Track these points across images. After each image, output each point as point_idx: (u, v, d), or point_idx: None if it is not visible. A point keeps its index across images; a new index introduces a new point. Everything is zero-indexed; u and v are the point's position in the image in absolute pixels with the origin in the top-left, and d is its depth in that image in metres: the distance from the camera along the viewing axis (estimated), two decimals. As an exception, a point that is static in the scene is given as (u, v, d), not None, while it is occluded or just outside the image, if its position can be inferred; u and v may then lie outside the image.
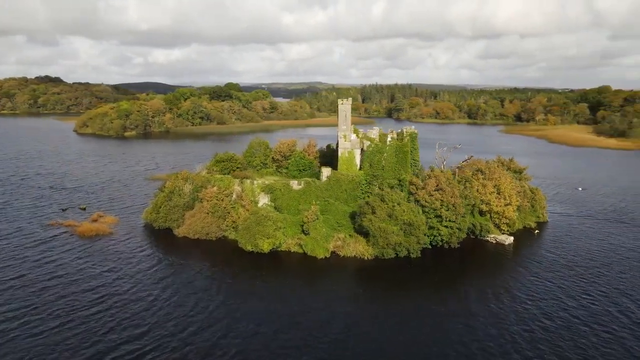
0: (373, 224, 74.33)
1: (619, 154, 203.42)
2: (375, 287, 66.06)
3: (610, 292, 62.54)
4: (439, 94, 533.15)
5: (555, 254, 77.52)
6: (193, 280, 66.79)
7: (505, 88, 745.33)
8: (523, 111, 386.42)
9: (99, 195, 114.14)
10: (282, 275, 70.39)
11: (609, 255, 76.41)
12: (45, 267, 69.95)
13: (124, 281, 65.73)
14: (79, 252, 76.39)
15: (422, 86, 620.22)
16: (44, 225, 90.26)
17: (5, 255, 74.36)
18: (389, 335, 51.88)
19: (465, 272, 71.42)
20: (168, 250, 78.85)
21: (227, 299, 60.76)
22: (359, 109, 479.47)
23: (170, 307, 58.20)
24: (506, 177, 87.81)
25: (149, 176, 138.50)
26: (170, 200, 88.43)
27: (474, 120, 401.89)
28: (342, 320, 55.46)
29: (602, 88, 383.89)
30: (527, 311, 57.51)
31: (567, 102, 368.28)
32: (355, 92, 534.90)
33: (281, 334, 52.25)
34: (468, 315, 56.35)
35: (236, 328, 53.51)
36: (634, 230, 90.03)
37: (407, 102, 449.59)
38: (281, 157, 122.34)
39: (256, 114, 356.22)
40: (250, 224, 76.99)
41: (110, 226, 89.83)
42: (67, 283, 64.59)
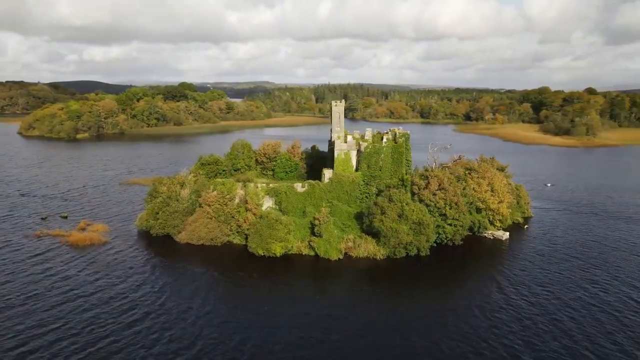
0: (385, 224, 75.83)
1: (568, 151, 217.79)
2: (395, 286, 67.45)
3: (612, 279, 67.51)
4: (389, 94, 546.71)
5: (550, 246, 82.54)
6: (211, 288, 65.36)
7: (446, 88, 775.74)
8: (472, 111, 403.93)
9: (78, 203, 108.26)
10: (302, 278, 70.27)
11: (596, 246, 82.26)
12: (53, 283, 65.84)
13: (144, 293, 63.17)
14: (79, 264, 72.44)
15: (367, 86, 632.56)
16: (29, 236, 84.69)
17: (3, 271, 69.24)
18: (420, 334, 53.48)
19: (476, 268, 74.45)
20: (173, 257, 76.50)
21: (255, 307, 60.00)
22: (312, 109, 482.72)
23: (206, 319, 56.72)
24: (498, 176, 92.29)
25: (124, 181, 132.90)
26: (168, 206, 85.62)
27: (426, 119, 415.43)
28: (375, 321, 56.43)
29: (542, 89, 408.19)
30: (550, 301, 61.04)
31: (512, 102, 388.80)
32: (308, 92, 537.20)
33: (325, 338, 52.47)
34: (495, 309, 59.04)
35: (277, 335, 53.12)
36: (608, 221, 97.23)
37: (361, 102, 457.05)
38: (266, 159, 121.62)
39: (213, 115, 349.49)
40: (261, 228, 76.18)
41: (102, 234, 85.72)
42: (83, 298, 61.22)
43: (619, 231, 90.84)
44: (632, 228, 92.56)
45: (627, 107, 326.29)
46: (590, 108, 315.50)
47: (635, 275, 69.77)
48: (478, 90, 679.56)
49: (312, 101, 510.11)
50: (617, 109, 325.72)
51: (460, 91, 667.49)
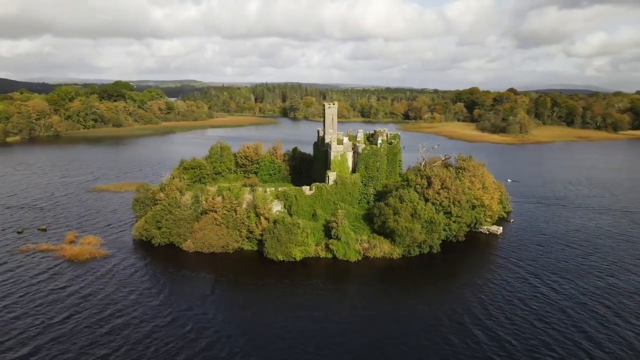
0: (399, 224, 78.04)
1: (508, 148, 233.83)
2: (421, 284, 69.60)
3: (611, 265, 74.52)
4: (327, 93, 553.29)
5: (541, 237, 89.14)
6: (237, 297, 63.83)
7: (374, 87, 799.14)
8: (410, 110, 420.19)
9: (53, 213, 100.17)
10: (326, 281, 70.28)
11: (582, 235, 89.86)
12: (74, 302, 60.97)
13: (167, 305, 60.42)
14: (87, 280, 67.56)
15: (297, 85, 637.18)
16: (14, 253, 77.38)
17: (6, 293, 62.94)
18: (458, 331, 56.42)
19: (487, 261, 77.83)
20: (185, 267, 73.51)
21: (294, 315, 59.64)
22: (253, 108, 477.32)
23: (239, 327, 55.49)
24: (489, 174, 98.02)
25: (92, 188, 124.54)
26: (171, 214, 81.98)
27: (367, 118, 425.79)
28: (422, 319, 58.43)
29: (472, 89, 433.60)
30: (576, 288, 66.30)
31: (447, 102, 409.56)
32: (247, 92, 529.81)
33: (380, 340, 53.54)
34: (528, 297, 63.21)
35: (328, 341, 53.39)
36: (578, 212, 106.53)
37: (302, 102, 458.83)
38: (248, 162, 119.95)
39: (153, 115, 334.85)
40: (279, 233, 75.36)
41: (99, 247, 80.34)
42: (106, 317, 57.36)
43: (593, 220, 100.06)
44: (603, 218, 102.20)
45: (549, 106, 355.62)
46: (518, 107, 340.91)
47: (629, 259, 77.53)
48: (403, 89, 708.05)
49: (252, 101, 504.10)
50: (540, 108, 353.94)
51: (390, 91, 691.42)
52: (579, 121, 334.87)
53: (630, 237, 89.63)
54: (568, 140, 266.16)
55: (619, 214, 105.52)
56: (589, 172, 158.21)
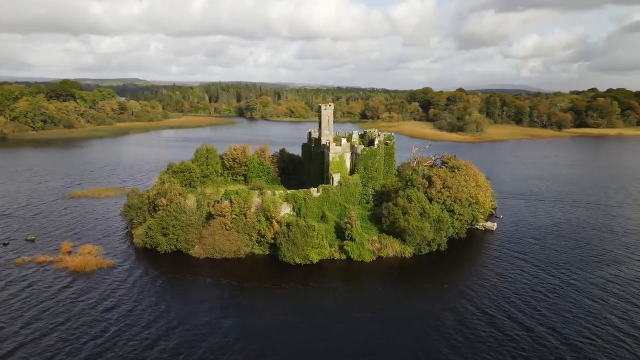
0: (410, 224, 79.76)
1: (469, 146, 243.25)
2: (438, 280, 71.32)
3: (608, 254, 79.92)
4: (282, 93, 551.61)
5: (535, 230, 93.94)
6: (258, 303, 62.68)
7: (322, 87, 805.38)
8: (367, 109, 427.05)
9: (37, 222, 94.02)
10: (348, 282, 70.63)
11: (571, 227, 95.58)
12: (94, 318, 57.73)
13: (192, 314, 58.76)
14: (102, 291, 64.20)
15: (237, 83, 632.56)
16: (11, 267, 72.08)
17: (23, 309, 58.65)
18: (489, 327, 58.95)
19: (493, 256, 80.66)
20: (199, 274, 71.43)
21: (319, 318, 59.77)
22: (208, 108, 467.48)
23: (268, 334, 55.02)
24: (480, 173, 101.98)
25: (68, 194, 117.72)
26: (177, 220, 79.30)
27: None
28: (454, 315, 60.27)
29: (426, 89, 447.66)
30: (584, 278, 70.50)
31: (402, 101, 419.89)
32: (200, 91, 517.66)
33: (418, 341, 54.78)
34: (552, 289, 66.62)
35: (356, 344, 54.06)
36: (556, 206, 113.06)
37: (259, 101, 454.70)
38: (236, 164, 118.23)
39: (106, 116, 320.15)
40: (295, 236, 74.86)
41: (101, 256, 76.42)
42: (136, 334, 54.94)
43: (572, 214, 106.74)
44: (581, 211, 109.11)
45: (499, 106, 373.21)
46: (471, 107, 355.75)
47: (620, 250, 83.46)
48: (356, 89, 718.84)
49: (206, 100, 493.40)
50: (491, 107, 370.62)
51: (342, 90, 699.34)
52: (527, 120, 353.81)
53: (611, 228, 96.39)
54: (520, 138, 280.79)
55: (594, 207, 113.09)
56: (553, 169, 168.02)
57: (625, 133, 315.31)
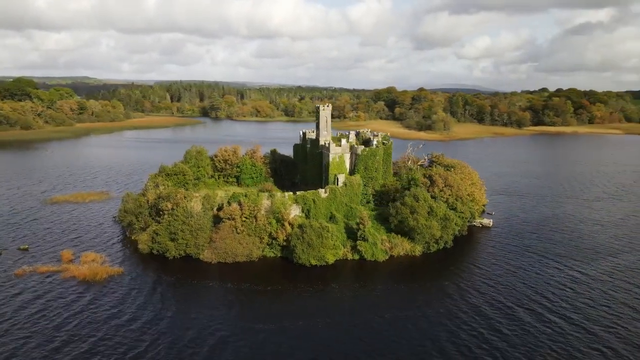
0: (419, 223, 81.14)
1: (439, 144, 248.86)
2: (452, 277, 72.80)
3: (605, 244, 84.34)
4: (245, 93, 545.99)
5: (529, 225, 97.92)
6: (279, 306, 62.16)
7: (281, 86, 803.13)
8: (334, 108, 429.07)
9: (27, 230, 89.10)
10: (367, 282, 71.00)
11: (563, 222, 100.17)
12: (111, 329, 55.36)
13: (217, 321, 57.59)
14: (120, 302, 61.69)
15: (199, 82, 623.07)
16: (12, 278, 67.92)
17: (42, 322, 55.41)
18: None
19: (497, 252, 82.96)
20: (217, 279, 69.82)
21: (345, 319, 60.11)
22: (170, 108, 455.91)
23: (296, 338, 54.89)
24: (475, 171, 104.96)
25: (49, 199, 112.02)
26: (185, 224, 77.16)
27: (291, 117, 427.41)
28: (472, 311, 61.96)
29: (390, 88, 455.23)
30: (593, 268, 74.02)
31: (368, 100, 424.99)
32: (161, 90, 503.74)
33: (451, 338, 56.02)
34: (574, 280, 69.53)
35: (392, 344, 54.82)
36: (541, 201, 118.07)
37: (224, 101, 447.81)
38: (228, 166, 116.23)
39: (65, 116, 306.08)
40: (310, 237, 74.54)
41: (108, 264, 73.35)
42: (171, 342, 53.26)
43: (558, 208, 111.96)
44: (565, 206, 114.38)
45: (461, 105, 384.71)
46: (436, 106, 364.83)
47: (615, 241, 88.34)
48: (313, 88, 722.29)
49: (168, 100, 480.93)
50: (454, 106, 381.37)
51: (303, 89, 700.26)
52: (488, 118, 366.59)
53: (597, 221, 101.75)
54: (487, 136, 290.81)
55: (574, 202, 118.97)
56: (526, 166, 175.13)
57: (580, 131, 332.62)
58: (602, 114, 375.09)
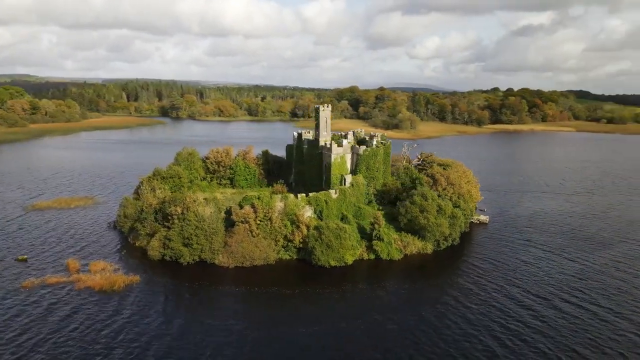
0: (429, 221, 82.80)
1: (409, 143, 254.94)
2: (468, 272, 75.12)
3: (600, 236, 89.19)
4: (204, 92, 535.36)
5: (524, 220, 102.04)
6: (308, 309, 61.91)
7: (236, 85, 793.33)
8: (297, 108, 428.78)
9: (19, 240, 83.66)
10: (390, 281, 71.71)
11: (554, 217, 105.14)
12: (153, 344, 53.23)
13: (260, 331, 56.79)
14: (151, 310, 59.34)
15: (156, 81, 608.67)
16: (21, 292, 63.69)
17: (74, 335, 52.30)
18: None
19: (503, 246, 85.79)
20: (238, 284, 68.25)
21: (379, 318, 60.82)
22: (127, 108, 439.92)
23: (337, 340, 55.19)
24: (469, 170, 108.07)
25: (30, 206, 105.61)
26: (200, 229, 75.05)
27: (255, 117, 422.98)
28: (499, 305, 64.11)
29: (352, 87, 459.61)
30: (594, 259, 78.02)
31: (332, 99, 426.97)
32: (116, 89, 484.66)
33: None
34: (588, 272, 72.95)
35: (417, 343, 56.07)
36: (528, 197, 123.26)
37: (184, 100, 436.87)
38: (221, 168, 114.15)
39: (18, 117, 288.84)
40: (329, 238, 74.42)
41: (122, 273, 70.22)
42: (215, 350, 51.91)
43: (542, 203, 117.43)
44: (553, 201, 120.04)
45: (423, 104, 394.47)
46: (399, 105, 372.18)
47: (607, 233, 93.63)
48: (269, 87, 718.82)
49: (124, 99, 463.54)
50: (417, 105, 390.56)
51: (262, 88, 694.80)
52: (450, 117, 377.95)
53: (583, 214, 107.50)
54: (452, 135, 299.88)
55: (555, 197, 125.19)
56: (499, 163, 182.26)
57: (536, 128, 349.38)
58: (554, 113, 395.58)
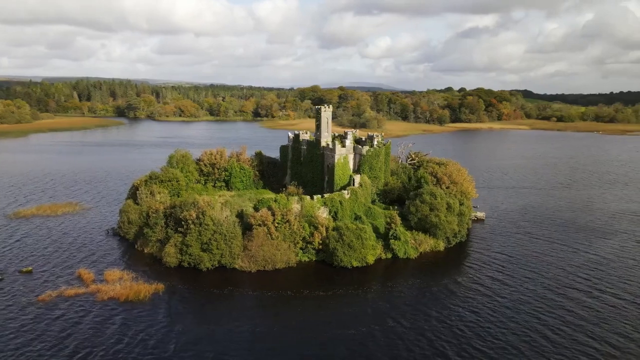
0: (440, 219, 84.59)
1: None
2: (486, 266, 77.27)
3: (596, 229, 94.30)
4: (160, 91, 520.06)
5: (518, 215, 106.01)
6: (342, 309, 61.92)
7: (188, 84, 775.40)
8: (260, 107, 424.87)
9: (10, 250, 78.12)
10: (410, 279, 72.51)
11: (545, 211, 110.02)
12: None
13: (306, 335, 56.36)
14: (187, 318, 57.27)
15: (95, 79, 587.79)
16: (39, 306, 59.58)
17: (126, 349, 49.58)
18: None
19: (507, 240, 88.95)
20: (264, 288, 66.79)
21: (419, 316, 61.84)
22: (80, 108, 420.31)
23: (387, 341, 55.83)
24: (464, 168, 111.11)
25: (12, 214, 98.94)
26: (218, 233, 73.06)
27: (216, 117, 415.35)
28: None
29: (314, 87, 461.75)
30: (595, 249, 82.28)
31: (295, 99, 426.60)
32: (66, 88, 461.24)
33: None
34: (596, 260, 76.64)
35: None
36: (513, 193, 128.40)
37: (142, 100, 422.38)
38: (215, 170, 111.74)
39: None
40: (351, 239, 74.50)
41: (137, 281, 67.26)
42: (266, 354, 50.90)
43: (528, 198, 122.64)
44: (532, 196, 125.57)
45: (386, 103, 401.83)
46: (363, 104, 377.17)
47: (601, 223, 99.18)
48: (222, 86, 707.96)
49: (75, 99, 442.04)
50: (380, 105, 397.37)
51: (219, 87, 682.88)
52: (412, 116, 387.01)
53: (570, 208, 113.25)
54: (418, 133, 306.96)
55: (538, 192, 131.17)
56: (475, 160, 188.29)
57: (494, 127, 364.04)
58: (508, 111, 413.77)
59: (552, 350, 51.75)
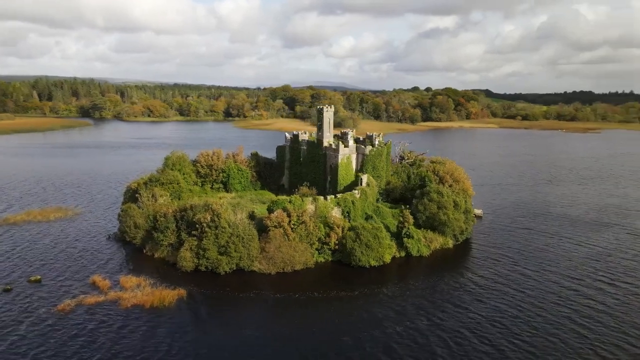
0: (449, 217, 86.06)
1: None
2: (498, 261, 79.14)
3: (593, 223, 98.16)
4: (125, 90, 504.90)
5: (514, 211, 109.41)
6: (371, 308, 62.70)
7: (149, 83, 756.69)
8: (231, 107, 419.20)
9: (13, 258, 74.03)
10: (429, 277, 73.55)
11: (538, 205, 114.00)
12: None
13: (326, 338, 56.22)
14: (220, 324, 56.01)
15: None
16: (53, 313, 56.97)
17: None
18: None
19: (512, 234, 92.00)
20: (285, 290, 65.86)
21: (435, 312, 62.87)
22: (41, 108, 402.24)
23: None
24: (461, 167, 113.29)
25: (1, 220, 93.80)
26: (236, 236, 71.72)
27: (187, 117, 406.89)
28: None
29: (285, 86, 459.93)
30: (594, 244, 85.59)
31: (267, 99, 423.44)
32: (24, 87, 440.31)
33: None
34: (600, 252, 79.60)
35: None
36: (503, 190, 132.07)
37: (108, 100, 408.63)
38: (213, 171, 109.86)
39: None
40: (368, 239, 74.71)
41: (156, 287, 65.20)
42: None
43: (519, 194, 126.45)
44: (522, 193, 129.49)
45: (358, 102, 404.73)
46: (337, 104, 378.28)
47: (596, 215, 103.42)
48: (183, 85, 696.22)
49: (35, 99, 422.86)
50: (353, 104, 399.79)
51: (184, 87, 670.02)
52: (385, 115, 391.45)
53: (560, 203, 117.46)
54: (393, 132, 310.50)
55: (525, 189, 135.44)
56: (457, 158, 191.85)
57: (465, 125, 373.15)
58: (476, 111, 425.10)
59: (589, 343, 53.56)
